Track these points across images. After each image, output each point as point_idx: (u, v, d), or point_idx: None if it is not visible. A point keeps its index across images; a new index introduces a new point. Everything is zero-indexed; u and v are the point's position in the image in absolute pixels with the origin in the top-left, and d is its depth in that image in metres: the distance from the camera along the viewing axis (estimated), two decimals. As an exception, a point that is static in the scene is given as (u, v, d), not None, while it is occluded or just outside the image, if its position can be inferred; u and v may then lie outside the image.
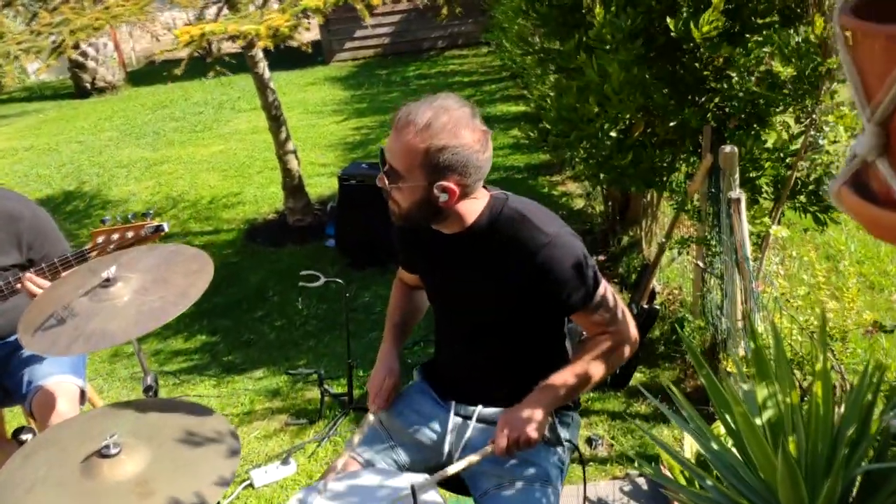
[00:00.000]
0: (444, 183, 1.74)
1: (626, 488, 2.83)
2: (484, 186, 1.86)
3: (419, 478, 1.83)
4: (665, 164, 3.57)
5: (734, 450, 1.70)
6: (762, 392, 1.62)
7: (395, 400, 2.07)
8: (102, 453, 1.77)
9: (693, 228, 3.63)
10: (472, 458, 1.78)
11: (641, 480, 2.86)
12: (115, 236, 2.49)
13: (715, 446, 1.72)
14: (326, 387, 3.62)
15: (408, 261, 2.14)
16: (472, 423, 1.96)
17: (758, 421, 1.63)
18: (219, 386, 3.87)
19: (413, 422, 2.02)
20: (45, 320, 2.00)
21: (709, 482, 1.65)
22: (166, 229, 2.53)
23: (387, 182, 1.79)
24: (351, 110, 8.97)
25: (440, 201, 1.77)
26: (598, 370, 1.85)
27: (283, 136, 5.34)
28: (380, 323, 4.21)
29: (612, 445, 3.10)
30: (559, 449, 1.94)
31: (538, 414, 1.78)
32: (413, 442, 2.01)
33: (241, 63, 5.52)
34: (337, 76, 11.07)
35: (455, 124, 1.73)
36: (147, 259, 2.17)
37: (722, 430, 2.00)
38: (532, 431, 1.75)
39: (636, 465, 2.93)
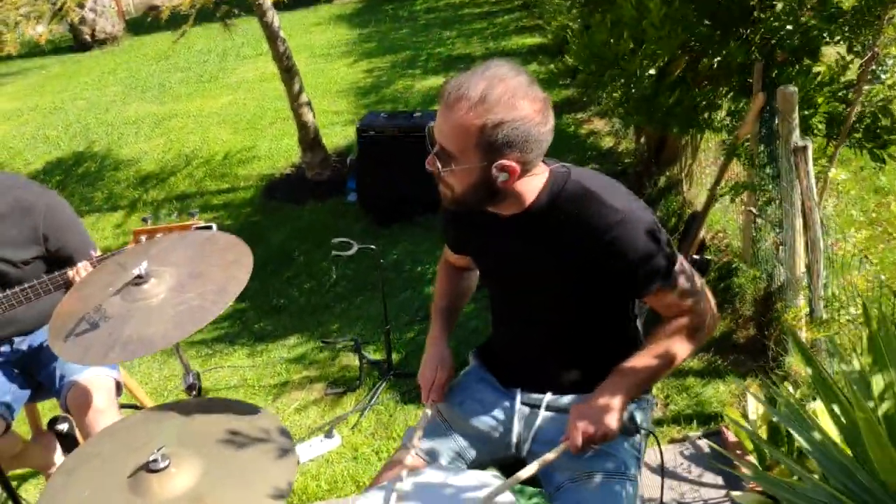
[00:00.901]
0: (504, 162, 1.57)
1: (688, 452, 2.72)
2: (543, 161, 1.68)
3: (487, 476, 1.71)
4: (705, 103, 3.36)
5: (838, 441, 1.55)
6: (878, 382, 1.45)
7: (451, 389, 1.94)
8: (150, 468, 1.66)
9: (742, 173, 3.44)
10: (547, 457, 1.65)
11: (703, 443, 2.75)
12: (159, 236, 2.33)
13: (817, 436, 1.56)
14: (364, 353, 3.51)
15: (456, 242, 1.97)
16: (542, 412, 1.83)
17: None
18: (252, 355, 3.77)
19: (476, 412, 1.89)
20: (77, 324, 1.86)
21: (815, 476, 1.51)
22: (215, 230, 2.35)
23: (439, 165, 1.61)
24: (360, 51, 8.66)
25: (499, 182, 1.60)
26: (679, 352, 1.70)
27: (297, 87, 5.11)
28: (411, 281, 4.10)
29: (668, 405, 2.99)
30: (636, 437, 1.80)
31: (616, 403, 1.64)
32: (477, 433, 1.89)
33: (240, 3, 5.25)
34: (342, 14, 10.70)
35: (512, 95, 1.54)
36: (179, 250, 2.02)
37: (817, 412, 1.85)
38: (610, 424, 1.62)
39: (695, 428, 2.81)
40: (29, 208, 2.43)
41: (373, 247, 3.12)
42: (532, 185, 1.67)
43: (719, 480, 2.58)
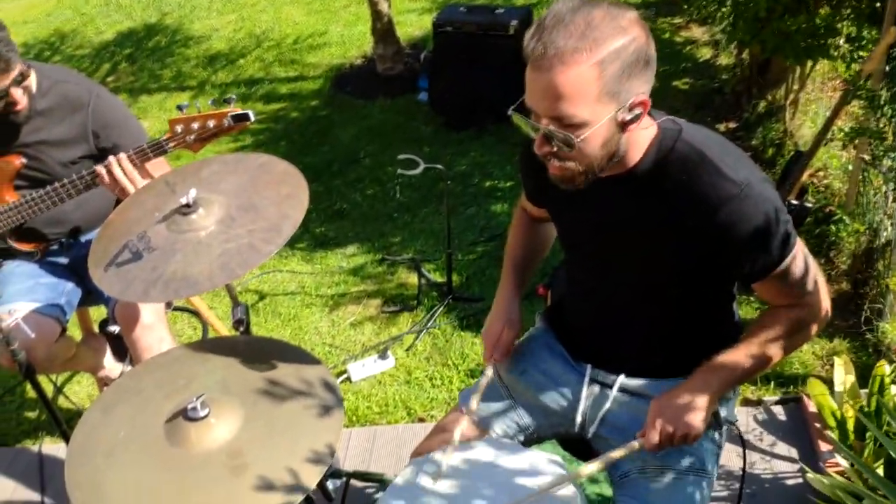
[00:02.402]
0: (634, 99, 1.33)
1: (761, 418, 2.53)
2: (649, 112, 1.42)
3: (544, 460, 1.57)
4: (824, 28, 2.98)
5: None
6: None
7: (514, 354, 1.77)
8: (189, 416, 1.56)
9: (858, 111, 3.08)
10: (615, 454, 1.48)
11: (779, 409, 2.55)
12: (195, 125, 2.17)
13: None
14: (424, 272, 3.37)
15: (535, 194, 1.74)
16: (613, 393, 1.65)
17: None
18: (311, 261, 3.67)
19: (539, 383, 1.73)
20: (119, 252, 1.74)
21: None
22: (252, 119, 2.18)
23: (561, 143, 1.35)
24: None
25: (630, 126, 1.36)
26: (780, 348, 1.49)
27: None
28: (478, 196, 3.89)
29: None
30: (717, 432, 1.62)
31: (702, 402, 1.44)
32: (538, 405, 1.73)
33: None
34: None
35: (612, 17, 1.30)
36: (231, 177, 1.85)
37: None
38: (695, 425, 1.43)
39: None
40: (77, 104, 2.29)
41: (440, 166, 2.91)
42: (638, 140, 1.42)
43: (794, 453, 2.39)
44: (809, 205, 2.95)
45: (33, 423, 2.96)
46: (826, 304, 1.50)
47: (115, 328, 2.71)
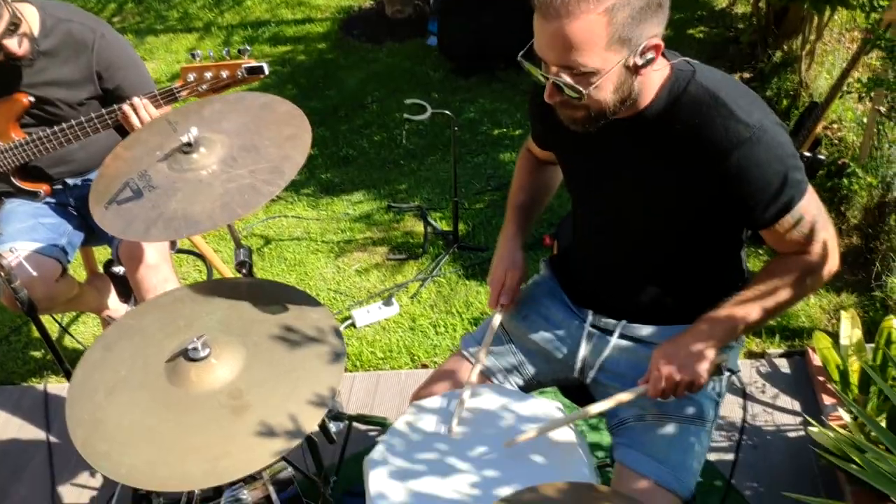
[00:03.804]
0: (647, 43, 1.29)
1: (764, 370, 2.52)
2: (661, 53, 1.38)
3: (551, 407, 1.56)
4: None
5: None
6: None
7: (518, 298, 1.75)
8: (190, 356, 1.55)
9: (875, 62, 3.00)
10: (620, 397, 1.47)
11: (783, 362, 2.54)
12: (209, 75, 2.13)
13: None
14: (430, 221, 3.35)
15: (543, 136, 1.70)
16: (613, 340, 1.64)
17: None
18: (317, 207, 3.65)
19: (540, 328, 1.71)
20: (120, 190, 1.72)
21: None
22: (266, 71, 2.14)
23: (573, 90, 1.31)
24: None
25: (643, 70, 1.33)
26: (785, 299, 1.45)
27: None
28: (486, 144, 3.85)
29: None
30: (718, 380, 1.61)
31: (709, 351, 1.42)
32: (539, 350, 1.72)
33: None
34: None
35: None
36: (233, 116, 1.82)
37: None
38: (700, 373, 1.41)
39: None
40: (82, 45, 2.25)
41: (447, 112, 2.86)
42: (650, 82, 1.38)
43: (797, 406, 2.39)
44: (822, 157, 2.90)
45: (38, 363, 2.98)
46: (835, 253, 1.47)
47: (119, 269, 2.71)
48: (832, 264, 1.48)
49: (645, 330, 1.62)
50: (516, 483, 1.40)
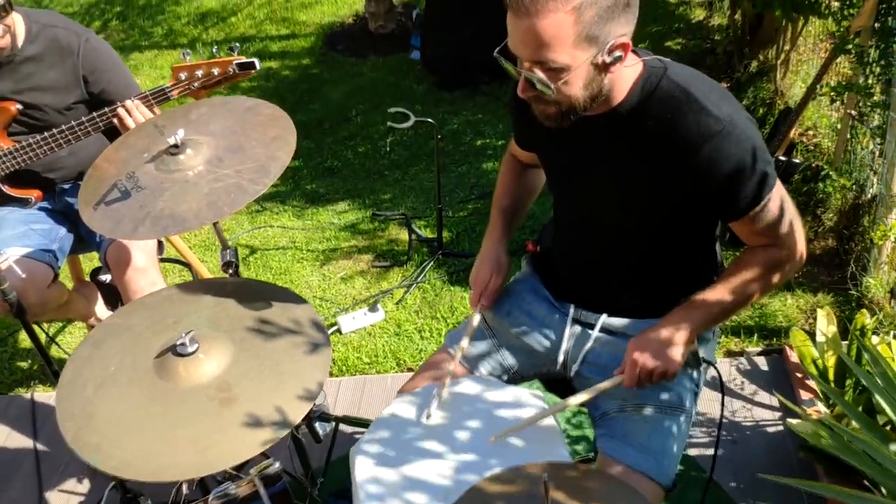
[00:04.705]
0: (615, 41, 1.34)
1: (743, 368, 2.57)
2: (633, 51, 1.43)
3: (526, 394, 1.60)
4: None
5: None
6: None
7: (500, 296, 1.79)
8: (178, 351, 1.58)
9: (848, 69, 3.08)
10: (599, 386, 1.51)
11: (761, 360, 2.60)
12: (200, 73, 2.17)
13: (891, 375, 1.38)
14: (415, 229, 3.39)
15: (524, 136, 1.76)
16: (594, 334, 1.68)
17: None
18: (302, 217, 3.69)
19: (523, 324, 1.76)
20: (109, 191, 1.75)
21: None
22: (258, 67, 2.19)
23: (542, 87, 1.37)
24: None
25: (612, 68, 1.37)
26: (759, 287, 1.51)
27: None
28: (469, 154, 3.90)
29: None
30: (695, 371, 1.65)
31: (681, 338, 1.47)
32: (522, 346, 1.76)
33: None
34: None
35: None
36: (219, 118, 1.86)
37: None
38: (673, 360, 1.46)
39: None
40: (67, 49, 2.29)
41: (430, 120, 2.91)
42: (623, 79, 1.44)
43: (774, 402, 2.44)
44: (797, 161, 2.97)
45: (25, 373, 2.99)
46: (801, 246, 1.53)
47: (106, 277, 2.74)
48: (799, 257, 1.53)
49: (625, 322, 1.67)
50: (498, 465, 1.44)
